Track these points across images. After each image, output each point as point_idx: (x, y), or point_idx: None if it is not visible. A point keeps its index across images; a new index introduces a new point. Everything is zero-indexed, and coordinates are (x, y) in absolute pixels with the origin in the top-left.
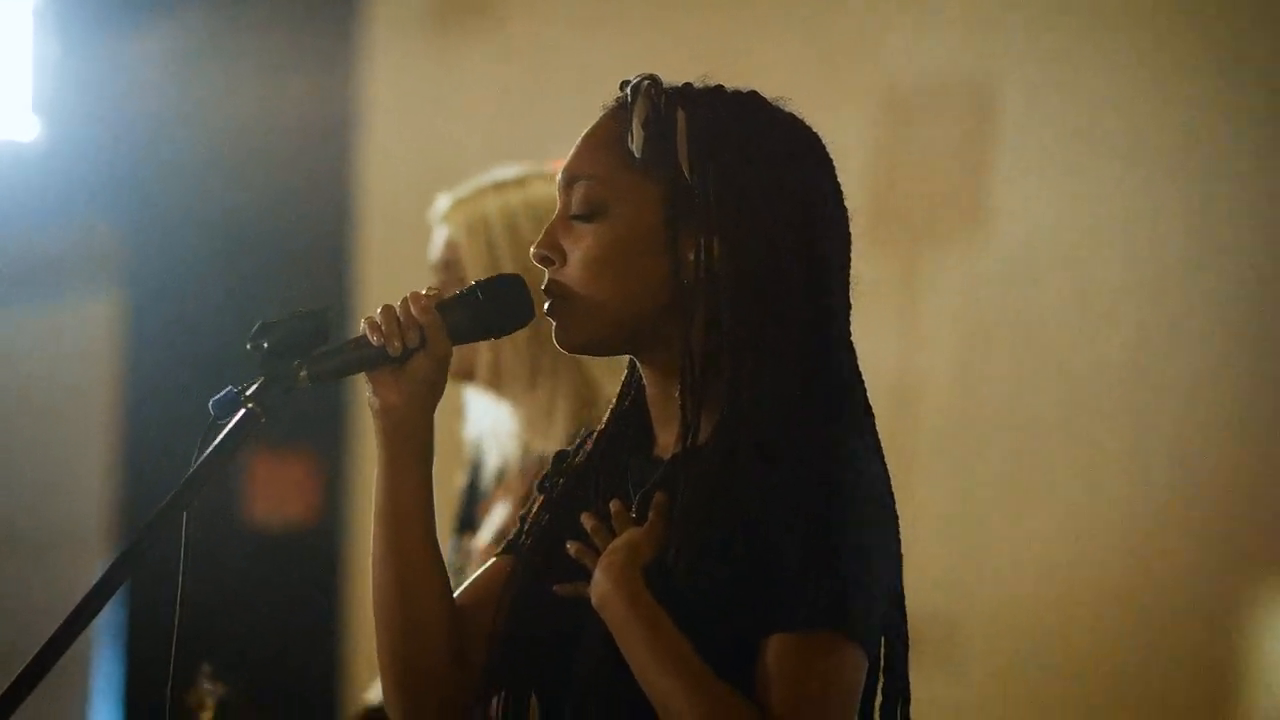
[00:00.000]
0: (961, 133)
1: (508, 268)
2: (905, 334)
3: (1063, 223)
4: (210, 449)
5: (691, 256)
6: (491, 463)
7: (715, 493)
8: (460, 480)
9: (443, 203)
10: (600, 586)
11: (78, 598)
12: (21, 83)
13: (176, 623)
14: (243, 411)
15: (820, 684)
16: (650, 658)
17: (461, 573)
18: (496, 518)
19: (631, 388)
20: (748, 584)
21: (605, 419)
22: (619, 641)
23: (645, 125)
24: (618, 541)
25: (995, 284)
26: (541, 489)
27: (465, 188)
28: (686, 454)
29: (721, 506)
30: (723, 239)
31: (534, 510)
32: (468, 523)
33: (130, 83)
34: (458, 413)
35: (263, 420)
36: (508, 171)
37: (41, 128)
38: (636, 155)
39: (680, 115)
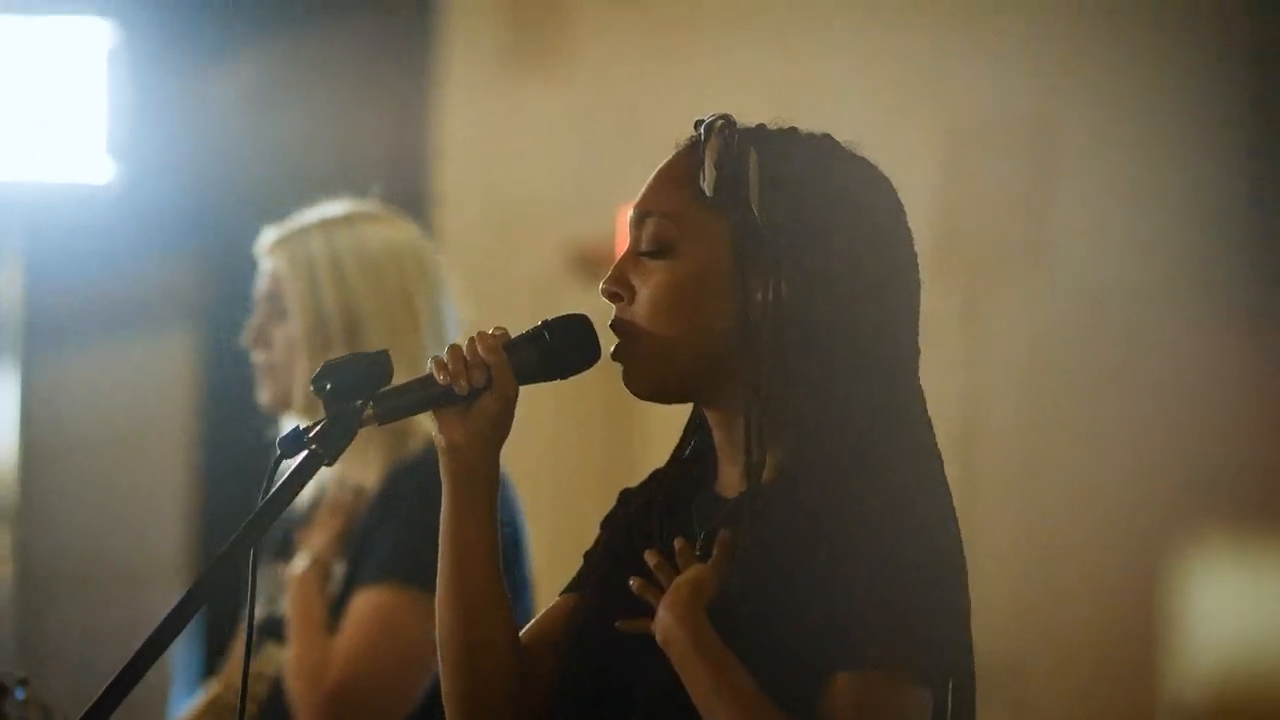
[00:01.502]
0: (1024, 171)
1: (330, 308)
2: (969, 372)
3: (1124, 261)
4: (274, 490)
5: (760, 296)
6: (306, 493)
7: (779, 530)
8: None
9: (269, 236)
10: (664, 622)
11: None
12: (96, 125)
13: (248, 654)
14: (305, 453)
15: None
16: (714, 695)
17: (274, 601)
18: (314, 546)
19: (695, 427)
20: (813, 622)
21: (669, 459)
22: (683, 677)
23: (718, 163)
24: (682, 578)
25: (1058, 322)
26: (604, 526)
27: (291, 223)
28: (751, 492)
29: (786, 544)
30: (790, 280)
31: (598, 548)
32: (283, 551)
33: (204, 122)
34: None
35: (326, 462)
36: (335, 209)
37: (116, 170)
38: (708, 193)
39: (752, 155)
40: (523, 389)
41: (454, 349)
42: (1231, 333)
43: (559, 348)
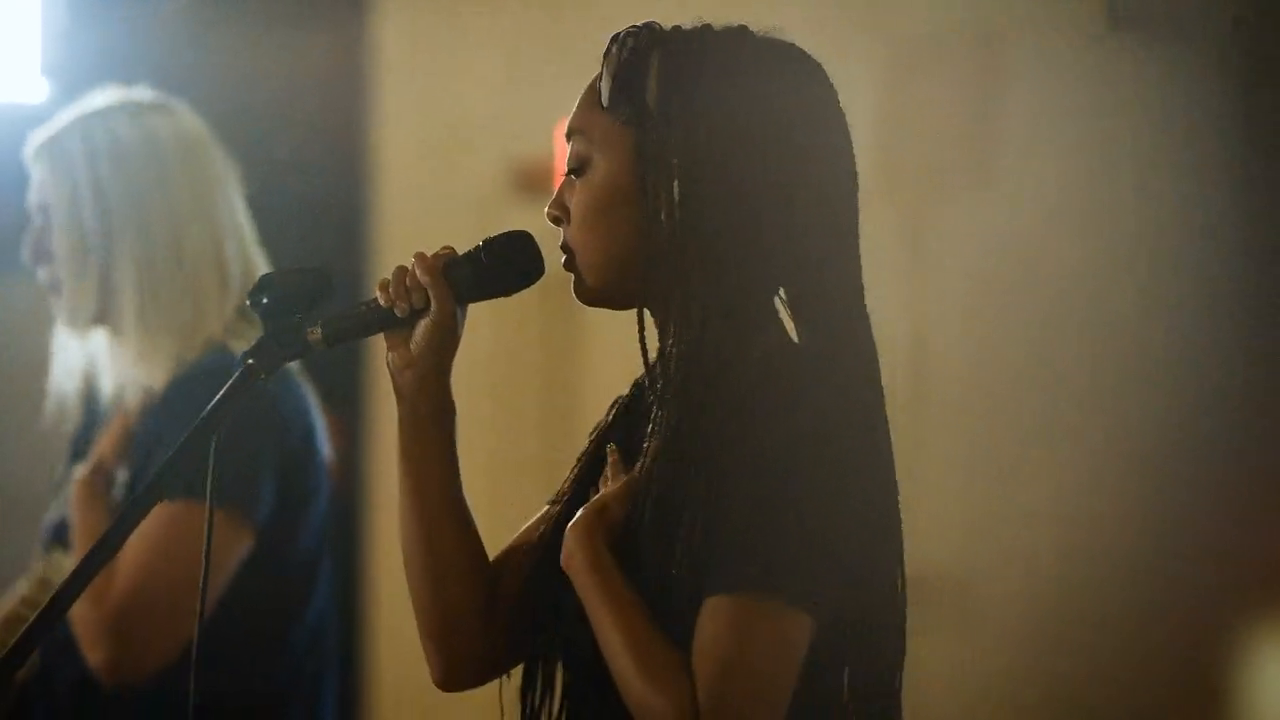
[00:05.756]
0: (969, 87)
1: (87, 209)
2: (914, 291)
3: (1072, 179)
4: (208, 409)
5: (658, 203)
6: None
7: (676, 449)
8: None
9: (32, 142)
10: (566, 546)
11: None
12: (30, 45)
13: (204, 579)
14: (241, 368)
15: (747, 648)
16: (601, 615)
17: (66, 506)
18: (99, 450)
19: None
20: (695, 547)
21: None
22: (582, 600)
23: (614, 71)
24: (592, 501)
25: (1004, 241)
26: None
27: (51, 124)
28: (660, 405)
29: (681, 463)
30: (686, 183)
31: (580, 459)
32: (79, 453)
33: (139, 43)
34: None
35: (263, 377)
36: (95, 101)
37: (51, 89)
38: (604, 103)
39: (654, 58)
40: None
41: (398, 271)
42: (1181, 249)
43: (495, 266)
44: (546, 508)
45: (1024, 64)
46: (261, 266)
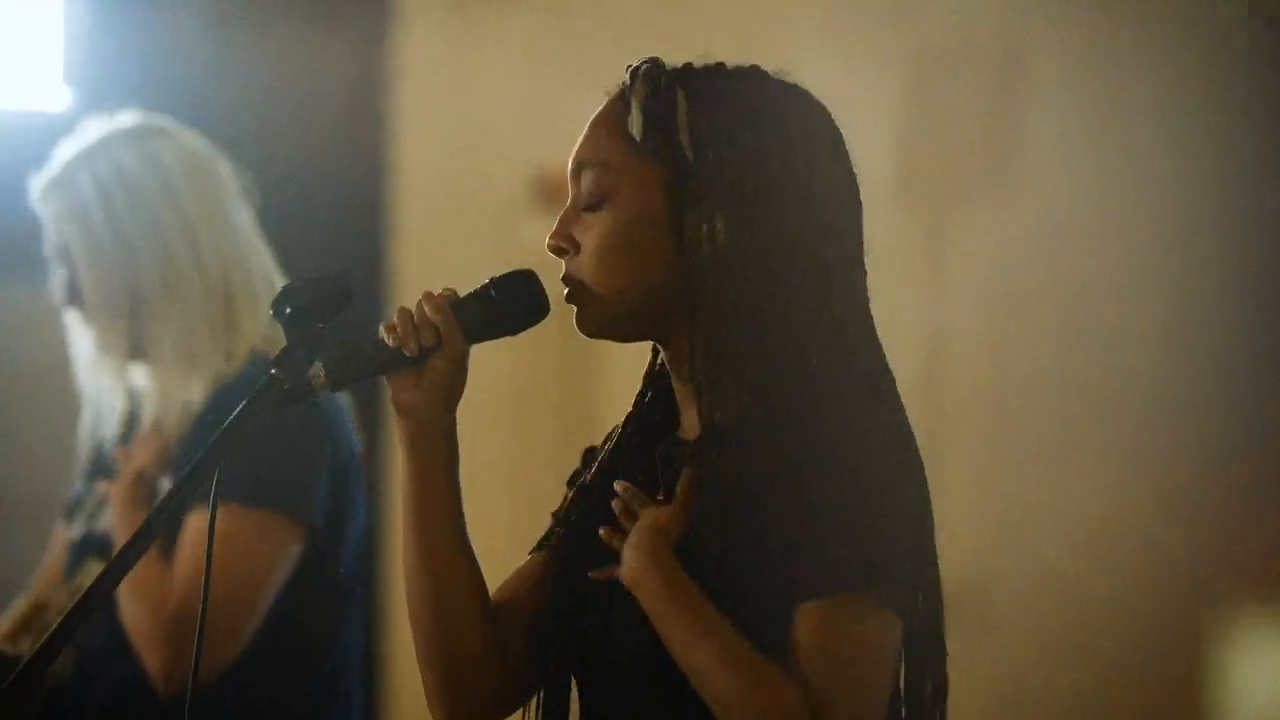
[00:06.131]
0: (989, 98)
1: (107, 245)
2: (933, 299)
3: (1092, 186)
4: (233, 416)
5: (697, 238)
6: (122, 411)
7: (739, 467)
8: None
9: (36, 185)
10: (630, 565)
11: None
12: (52, 53)
13: (206, 587)
14: (266, 378)
15: (851, 649)
16: (687, 634)
17: (94, 518)
18: (139, 462)
19: (654, 374)
20: (777, 556)
21: (633, 406)
22: (655, 620)
23: (644, 107)
24: (642, 522)
25: (1024, 248)
26: (571, 484)
27: (53, 164)
28: (711, 434)
29: (747, 481)
30: (726, 218)
31: (566, 504)
32: (100, 468)
33: (160, 48)
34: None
35: (286, 386)
36: (92, 133)
37: (72, 97)
38: (636, 138)
39: (680, 95)
40: (477, 346)
41: (402, 311)
42: (1201, 257)
43: (505, 305)
44: (529, 557)
45: (1045, 72)
46: (275, 275)
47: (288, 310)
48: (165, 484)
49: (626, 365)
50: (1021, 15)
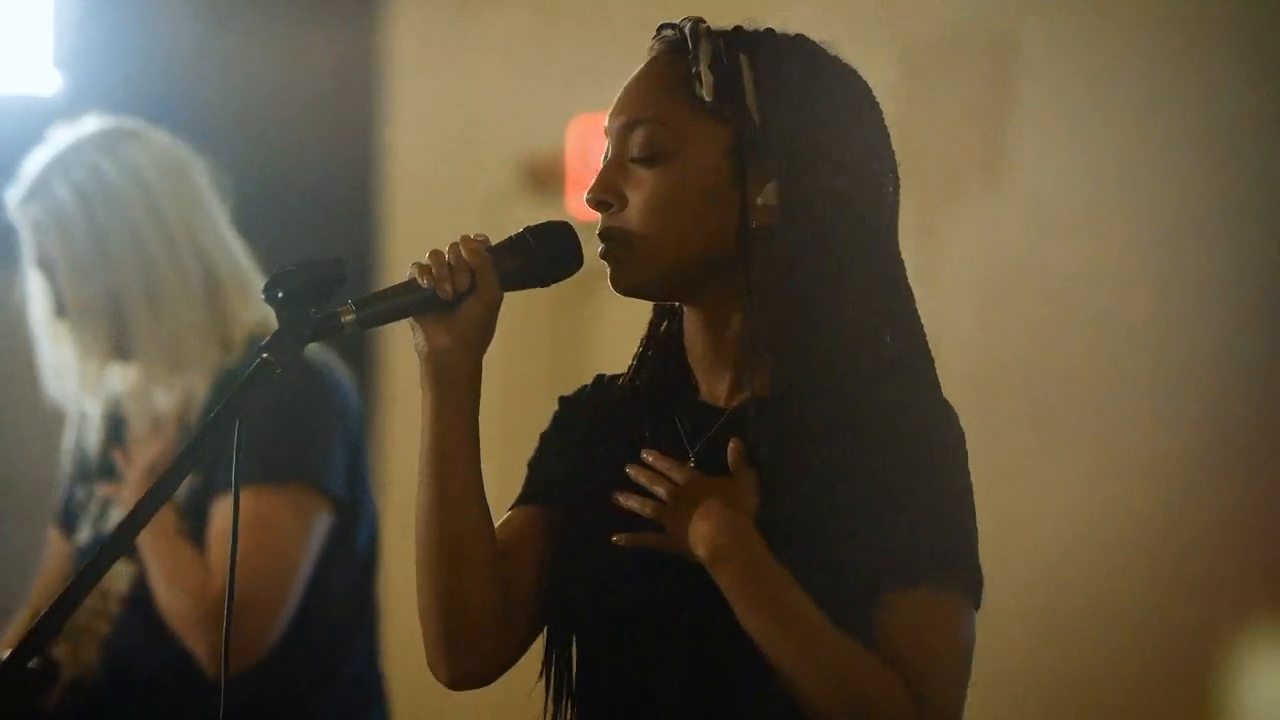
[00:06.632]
0: (980, 85)
1: (87, 252)
2: (924, 287)
3: (1083, 175)
4: (224, 401)
5: (760, 201)
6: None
7: (806, 442)
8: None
9: (13, 197)
10: (712, 540)
11: None
12: (43, 38)
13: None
14: (257, 361)
15: (941, 640)
16: (774, 619)
17: (100, 520)
18: (147, 457)
19: (659, 337)
20: (854, 539)
21: (631, 367)
22: (735, 598)
23: (713, 68)
24: (712, 496)
25: (1015, 237)
26: (558, 436)
27: (27, 174)
28: (759, 403)
29: (816, 456)
30: (790, 185)
31: (544, 457)
32: (102, 470)
33: (151, 34)
34: None
35: (278, 370)
36: (66, 137)
37: (63, 82)
38: (707, 99)
39: (743, 59)
40: None
41: (435, 253)
42: (1194, 252)
43: (543, 254)
44: (518, 510)
45: (1035, 63)
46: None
47: (279, 294)
48: None
49: (620, 328)
50: (1012, 7)
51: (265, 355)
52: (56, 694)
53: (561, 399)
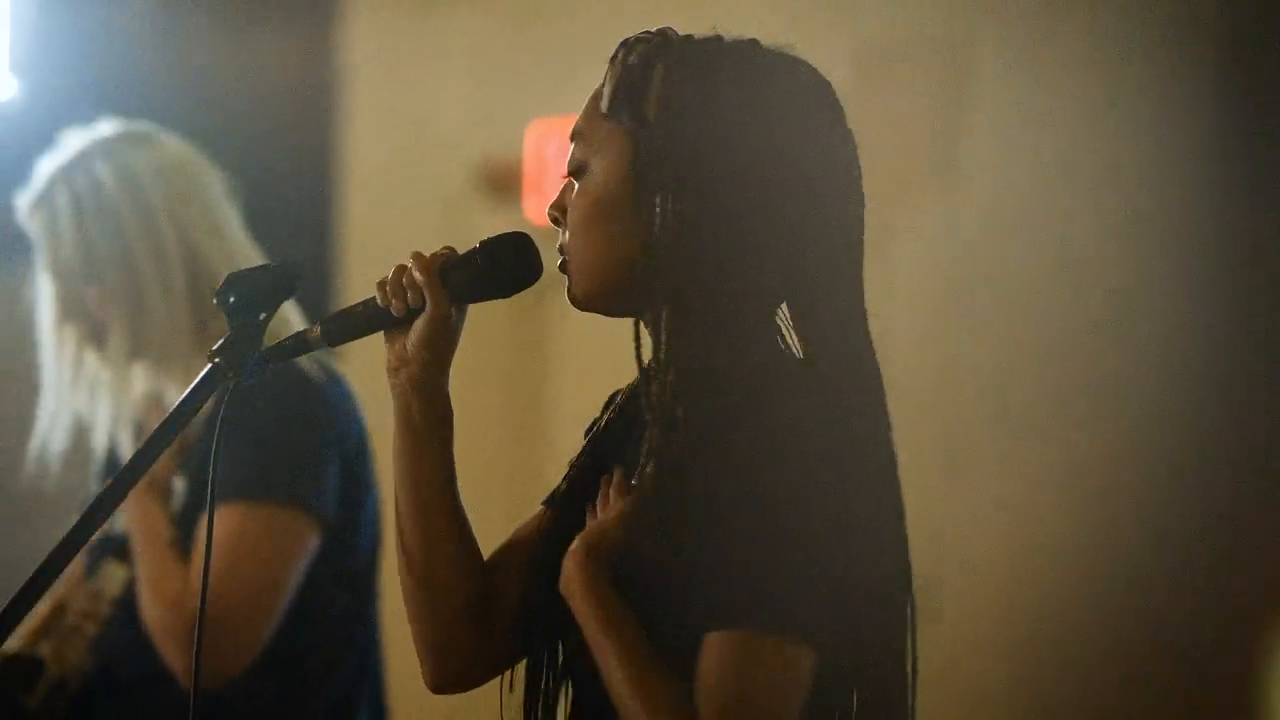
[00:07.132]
0: (933, 87)
1: (77, 259)
2: (880, 293)
3: (1038, 180)
4: (176, 405)
5: (655, 215)
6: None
7: (671, 470)
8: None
9: (21, 204)
10: (565, 571)
11: None
12: None
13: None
14: (209, 366)
15: (750, 684)
16: (600, 643)
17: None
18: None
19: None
20: (695, 579)
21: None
22: (581, 625)
23: (616, 78)
24: (593, 523)
25: (970, 242)
26: (584, 441)
27: (35, 182)
28: (653, 430)
29: (677, 488)
30: (680, 195)
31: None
32: (108, 472)
33: (108, 39)
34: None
35: (230, 376)
36: (72, 145)
37: (19, 86)
38: (604, 110)
39: (659, 68)
40: None
41: (397, 270)
42: (1148, 252)
43: (489, 267)
44: (542, 508)
45: (989, 66)
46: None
47: (231, 299)
48: (178, 483)
49: (578, 340)
50: (965, 10)
51: (218, 361)
52: (41, 691)
53: (612, 395)
